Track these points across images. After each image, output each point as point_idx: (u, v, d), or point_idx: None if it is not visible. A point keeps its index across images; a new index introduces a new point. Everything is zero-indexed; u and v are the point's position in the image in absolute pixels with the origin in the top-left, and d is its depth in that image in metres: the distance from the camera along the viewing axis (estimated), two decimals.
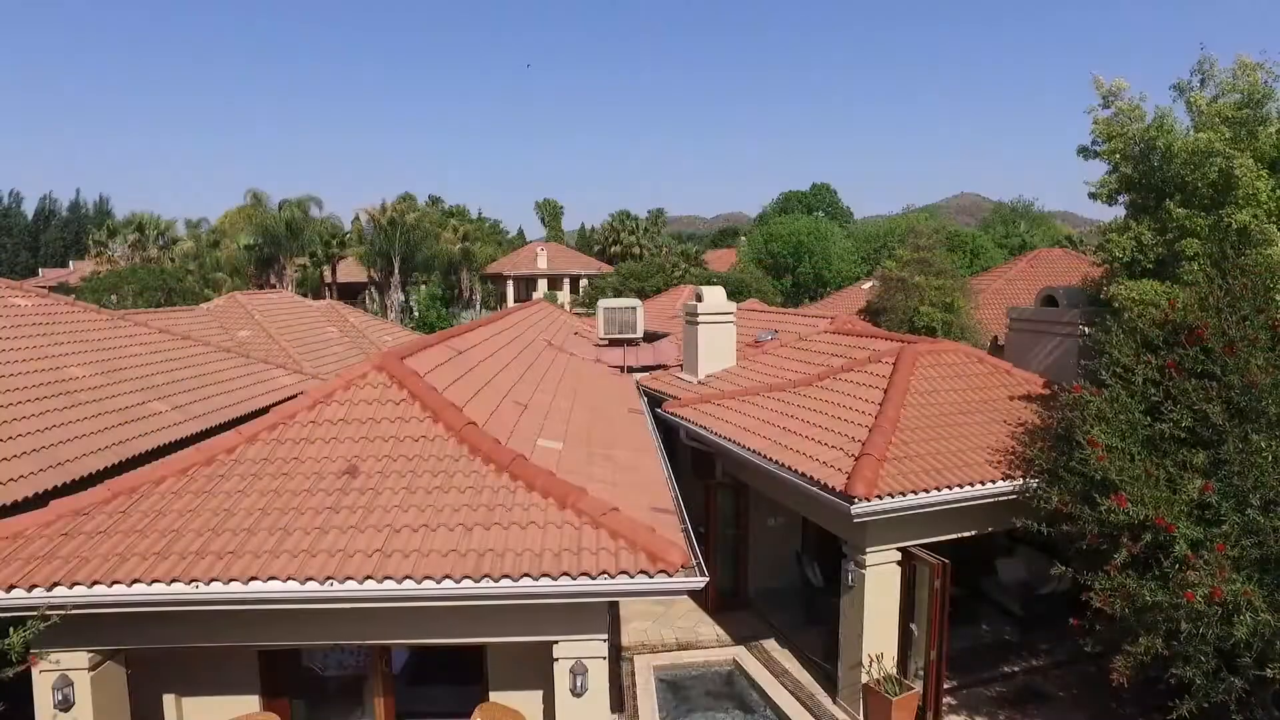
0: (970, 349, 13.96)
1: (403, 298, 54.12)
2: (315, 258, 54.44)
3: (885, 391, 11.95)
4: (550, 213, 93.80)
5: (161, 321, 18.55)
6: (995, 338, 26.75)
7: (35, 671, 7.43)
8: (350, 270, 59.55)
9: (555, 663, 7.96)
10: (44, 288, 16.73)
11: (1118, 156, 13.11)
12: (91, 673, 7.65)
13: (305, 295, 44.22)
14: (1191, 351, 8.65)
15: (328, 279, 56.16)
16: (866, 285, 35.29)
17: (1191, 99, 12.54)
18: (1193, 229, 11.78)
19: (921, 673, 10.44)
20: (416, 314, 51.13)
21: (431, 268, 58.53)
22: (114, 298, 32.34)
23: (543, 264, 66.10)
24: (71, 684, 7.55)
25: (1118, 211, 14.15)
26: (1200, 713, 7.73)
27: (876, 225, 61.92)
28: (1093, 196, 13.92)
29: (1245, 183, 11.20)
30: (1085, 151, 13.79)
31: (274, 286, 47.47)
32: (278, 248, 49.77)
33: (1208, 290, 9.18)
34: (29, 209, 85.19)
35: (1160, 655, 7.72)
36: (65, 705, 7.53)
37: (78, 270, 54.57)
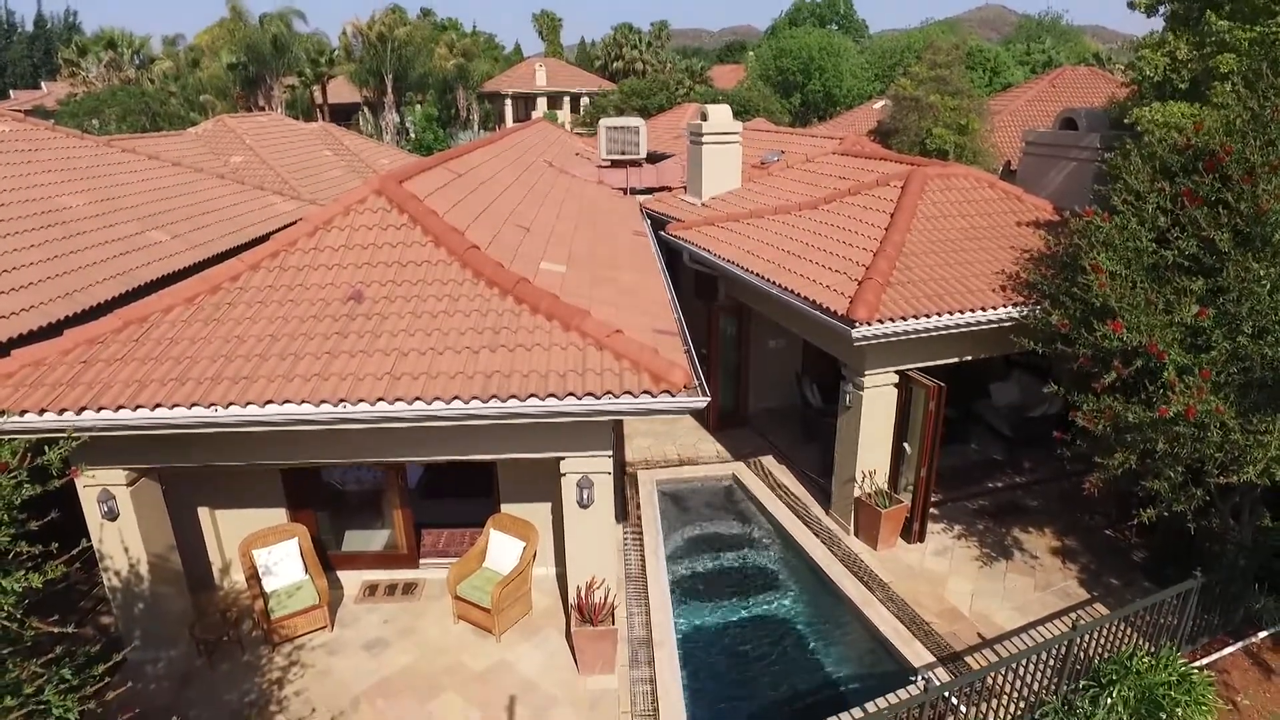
0: (981, 173, 13.58)
1: (398, 119, 52.01)
2: (304, 77, 51.81)
3: (891, 216, 11.77)
4: (548, 26, 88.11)
5: (149, 147, 18.02)
6: (1008, 162, 26.00)
7: (79, 485, 7.94)
8: (341, 90, 56.87)
9: (563, 477, 8.42)
10: (19, 111, 16.02)
11: None
12: (130, 488, 8.18)
13: (296, 117, 42.50)
14: (1209, 179, 8.41)
15: (318, 100, 53.78)
16: (878, 105, 33.84)
17: None
18: (1232, 44, 11.04)
19: (911, 488, 11.03)
20: (413, 135, 49.41)
21: (426, 86, 55.85)
22: (95, 122, 31.14)
23: (541, 81, 63.04)
24: (114, 497, 8.12)
25: (1156, 25, 13.28)
26: (1159, 521, 8.27)
27: (892, 40, 58.34)
28: (1131, 6, 12.99)
29: None
30: None
31: (263, 109, 45.56)
32: (263, 66, 47.17)
33: (1236, 112, 8.76)
34: None
35: (1132, 470, 8.12)
36: (111, 516, 8.15)
37: (52, 92, 52.08)
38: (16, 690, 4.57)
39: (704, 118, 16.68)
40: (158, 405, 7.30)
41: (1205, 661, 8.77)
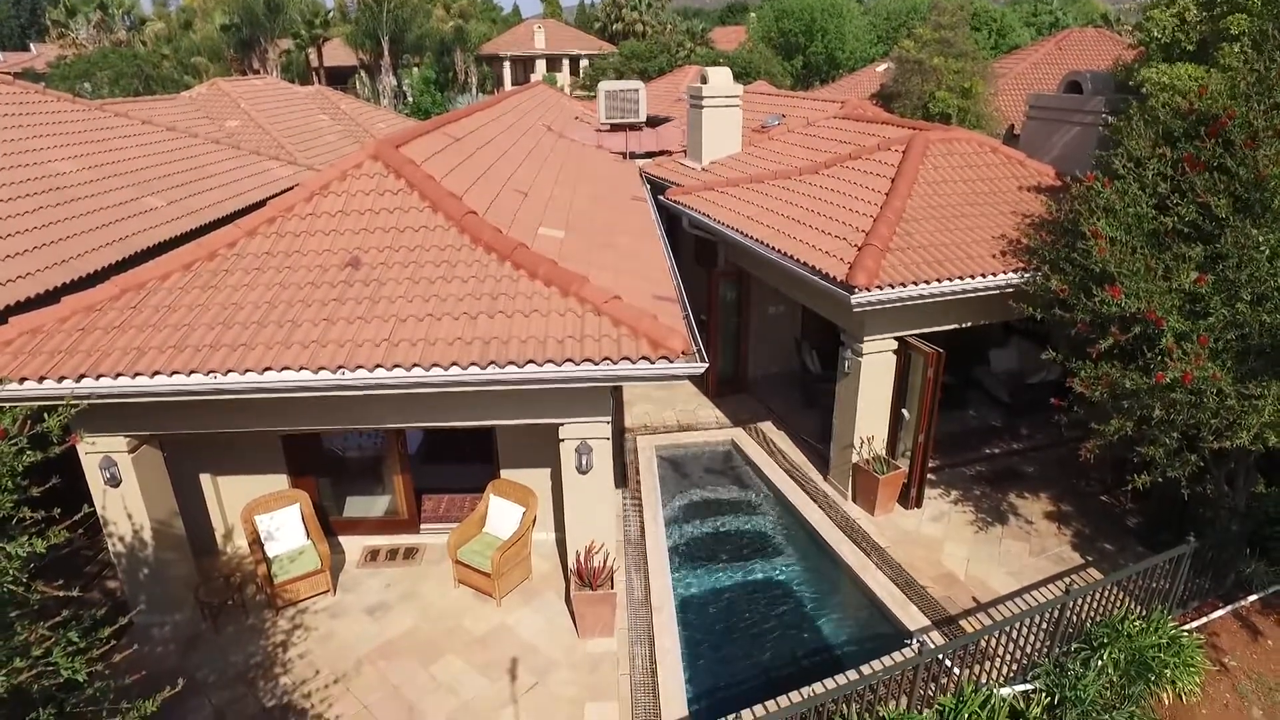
0: (984, 138, 13.44)
1: (395, 82, 51.37)
2: (299, 40, 51.06)
3: (893, 181, 11.68)
4: None
5: (143, 112, 17.79)
6: (1011, 126, 25.69)
7: (81, 452, 7.98)
8: (337, 54, 56.09)
9: (562, 443, 8.46)
10: (8, 74, 15.77)
11: None
12: (131, 455, 8.22)
13: (292, 81, 42.01)
14: (1210, 145, 8.32)
15: (314, 63, 53.07)
16: (881, 68, 33.36)
17: None
18: (1244, 3, 10.84)
19: (909, 454, 11.09)
20: (410, 99, 48.85)
21: (423, 49, 55.04)
22: (87, 85, 30.76)
23: (540, 43, 62.17)
24: (116, 464, 8.16)
25: None
26: (1154, 487, 8.32)
27: (897, 1, 57.36)
28: None
29: None
30: None
31: (258, 72, 44.97)
32: (257, 28, 46.43)
33: (1241, 75, 8.63)
34: None
35: (1128, 436, 8.16)
36: (114, 482, 8.20)
37: (41, 54, 51.41)
38: (25, 652, 4.66)
39: (704, 81, 16.46)
40: (156, 372, 7.32)
41: (1195, 625, 8.89)
